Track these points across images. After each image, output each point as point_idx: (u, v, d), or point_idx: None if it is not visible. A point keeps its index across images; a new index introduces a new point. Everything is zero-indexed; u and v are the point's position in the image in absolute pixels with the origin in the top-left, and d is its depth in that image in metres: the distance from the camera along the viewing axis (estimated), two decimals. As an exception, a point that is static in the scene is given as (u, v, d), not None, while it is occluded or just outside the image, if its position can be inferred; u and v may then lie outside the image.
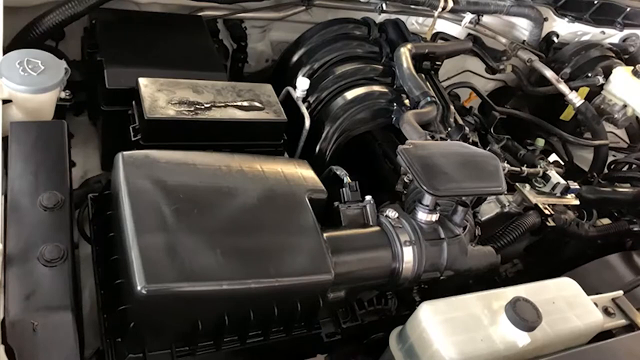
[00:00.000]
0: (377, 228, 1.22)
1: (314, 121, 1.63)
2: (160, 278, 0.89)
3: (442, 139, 1.59)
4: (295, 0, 2.03)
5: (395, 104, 1.62)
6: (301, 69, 1.76)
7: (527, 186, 1.76)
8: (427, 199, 1.23)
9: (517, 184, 1.78)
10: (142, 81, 1.33)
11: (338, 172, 1.29)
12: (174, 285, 0.90)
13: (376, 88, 1.68)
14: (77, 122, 1.73)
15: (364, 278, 1.17)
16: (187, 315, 0.96)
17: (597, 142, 2.20)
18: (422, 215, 1.24)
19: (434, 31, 2.30)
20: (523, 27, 2.52)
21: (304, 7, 2.02)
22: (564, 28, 2.52)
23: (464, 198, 1.30)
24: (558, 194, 1.79)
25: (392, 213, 1.24)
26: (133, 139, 1.29)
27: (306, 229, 1.10)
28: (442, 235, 1.25)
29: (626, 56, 2.62)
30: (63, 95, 1.54)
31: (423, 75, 1.79)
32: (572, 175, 2.39)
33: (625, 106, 2.39)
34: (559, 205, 1.87)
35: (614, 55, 2.54)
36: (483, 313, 1.16)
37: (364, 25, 1.92)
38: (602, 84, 2.37)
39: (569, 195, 1.84)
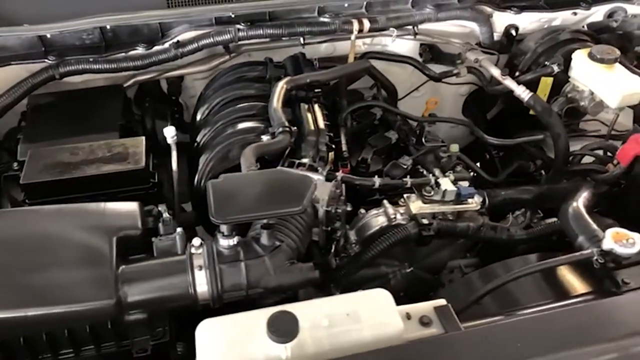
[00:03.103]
0: (180, 257, 1.39)
1: (200, 156, 1.85)
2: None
3: (300, 164, 1.69)
4: (221, 51, 2.27)
5: (264, 137, 1.76)
6: (200, 108, 2.01)
7: (412, 196, 1.75)
8: (222, 226, 1.37)
9: (405, 195, 1.78)
10: (30, 152, 1.69)
11: (160, 209, 1.49)
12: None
13: (252, 124, 1.84)
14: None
15: (160, 302, 1.34)
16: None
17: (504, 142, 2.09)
18: (221, 241, 1.38)
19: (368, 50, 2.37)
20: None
21: (228, 57, 2.24)
22: (521, 19, 2.38)
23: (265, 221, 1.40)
24: (452, 201, 1.75)
25: (196, 242, 1.40)
26: (21, 199, 1.64)
27: (99, 263, 1.32)
28: (241, 257, 1.37)
29: (606, 35, 2.38)
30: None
31: (306, 106, 1.89)
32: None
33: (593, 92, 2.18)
34: (471, 212, 1.82)
35: (587, 37, 2.33)
36: (259, 327, 1.26)
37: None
38: (559, 72, 2.19)
39: (470, 200, 1.78)
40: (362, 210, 1.80)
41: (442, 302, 1.34)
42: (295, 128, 1.78)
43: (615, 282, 1.41)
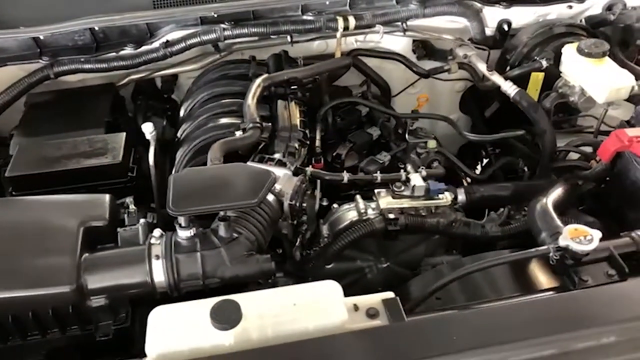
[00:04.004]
0: (141, 246, 1.45)
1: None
2: None
3: (269, 159, 1.73)
4: (211, 50, 2.33)
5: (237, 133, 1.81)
6: (184, 104, 2.07)
7: (383, 192, 1.77)
8: (180, 218, 1.42)
9: (376, 190, 1.79)
10: (17, 147, 1.79)
11: (127, 200, 1.56)
12: None
13: (230, 120, 1.89)
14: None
15: (120, 289, 1.41)
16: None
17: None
18: (180, 232, 1.43)
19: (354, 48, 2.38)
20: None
21: (218, 56, 2.30)
22: (514, 14, 2.34)
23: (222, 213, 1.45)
24: (422, 196, 1.75)
25: (156, 232, 1.46)
26: (9, 190, 1.75)
27: (65, 251, 1.40)
28: (198, 248, 1.42)
29: (604, 28, 2.31)
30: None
31: (283, 103, 1.93)
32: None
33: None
34: (444, 207, 1.81)
35: (581, 31, 2.28)
36: (207, 315, 1.30)
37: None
38: (550, 67, 2.15)
39: (441, 196, 1.77)
40: (335, 205, 1.83)
41: (390, 294, 1.36)
42: (269, 124, 1.82)
43: (571, 279, 1.39)
